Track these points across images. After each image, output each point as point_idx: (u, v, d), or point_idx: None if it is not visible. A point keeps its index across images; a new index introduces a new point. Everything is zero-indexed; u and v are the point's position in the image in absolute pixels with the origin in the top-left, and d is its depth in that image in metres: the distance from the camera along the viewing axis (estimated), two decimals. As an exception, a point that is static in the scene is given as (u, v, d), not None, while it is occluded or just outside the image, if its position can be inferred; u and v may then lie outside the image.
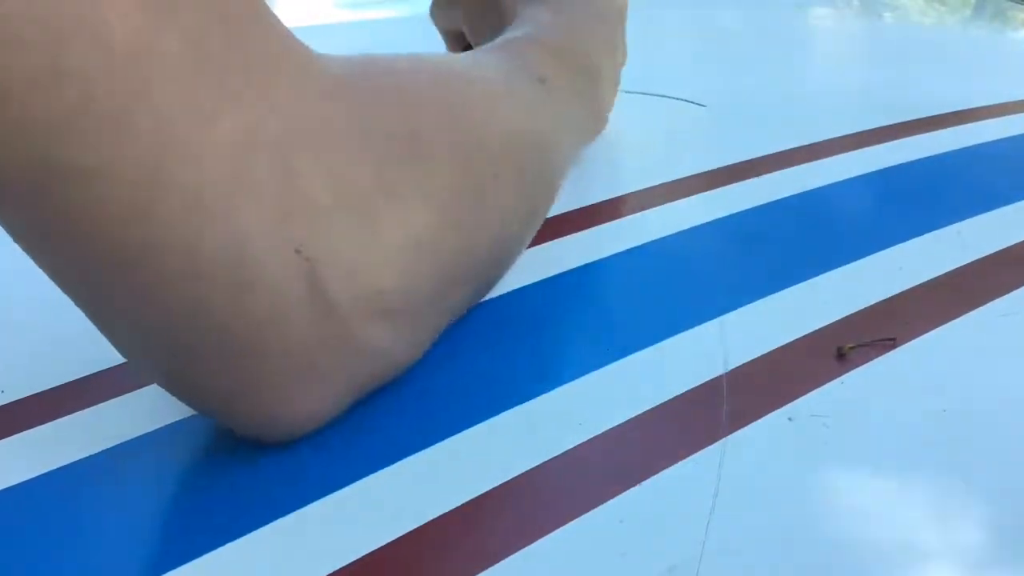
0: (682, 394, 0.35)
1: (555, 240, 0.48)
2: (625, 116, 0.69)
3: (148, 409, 0.35)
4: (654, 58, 0.84)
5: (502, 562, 0.28)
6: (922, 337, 0.38)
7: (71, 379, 0.38)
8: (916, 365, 0.37)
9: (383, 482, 0.31)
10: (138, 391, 0.36)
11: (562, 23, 0.54)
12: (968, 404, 0.34)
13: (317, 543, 0.29)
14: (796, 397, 0.35)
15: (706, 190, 0.55)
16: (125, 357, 0.32)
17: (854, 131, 0.63)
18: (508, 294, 0.43)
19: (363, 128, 0.30)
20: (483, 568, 0.28)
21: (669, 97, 0.71)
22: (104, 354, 0.32)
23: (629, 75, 0.62)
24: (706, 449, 0.32)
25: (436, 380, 0.37)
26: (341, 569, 0.27)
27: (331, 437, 0.33)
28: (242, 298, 0.24)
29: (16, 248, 0.28)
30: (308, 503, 0.30)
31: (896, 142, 0.61)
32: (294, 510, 0.30)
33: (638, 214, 0.52)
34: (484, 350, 0.39)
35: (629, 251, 0.47)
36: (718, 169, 0.58)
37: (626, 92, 0.63)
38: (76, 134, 0.20)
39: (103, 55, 0.20)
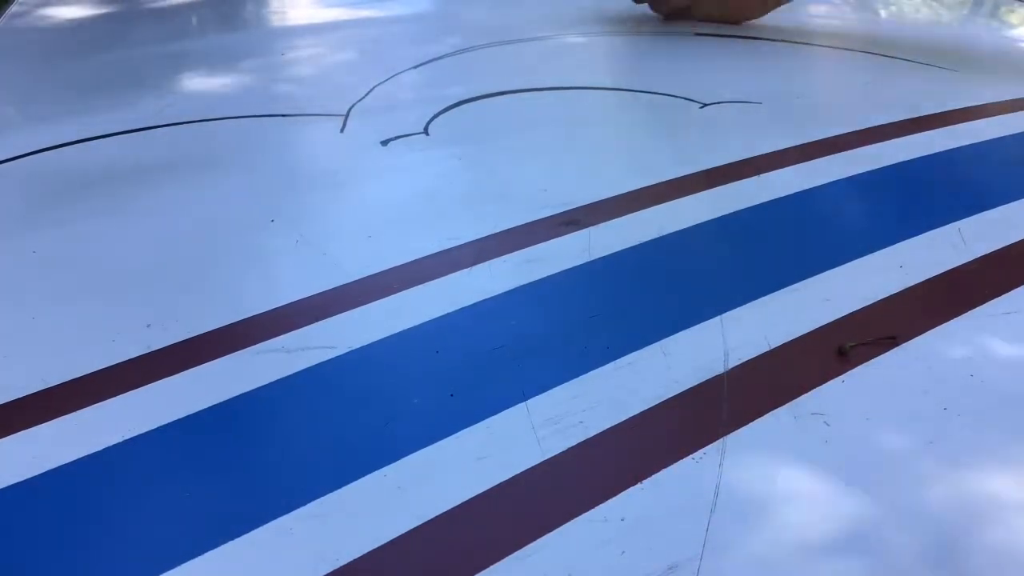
0: (682, 393, 0.35)
1: (556, 239, 0.48)
2: (623, 116, 0.69)
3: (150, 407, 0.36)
4: (653, 59, 0.84)
5: (503, 560, 0.28)
6: (923, 335, 0.38)
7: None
8: (917, 363, 0.37)
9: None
10: (138, 389, 0.37)
11: None
12: (969, 402, 0.34)
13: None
14: (797, 395, 0.35)
15: (706, 189, 0.55)
16: None
17: (852, 129, 0.63)
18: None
19: None
20: (485, 566, 0.28)
21: (665, 94, 0.71)
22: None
23: (630, 75, 0.62)
24: (706, 448, 0.32)
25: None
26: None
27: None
28: None
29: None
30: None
31: (895, 141, 0.61)
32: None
33: (638, 213, 0.52)
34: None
35: (629, 250, 0.47)
36: (717, 168, 0.58)
37: (626, 91, 0.62)
38: None
39: None
